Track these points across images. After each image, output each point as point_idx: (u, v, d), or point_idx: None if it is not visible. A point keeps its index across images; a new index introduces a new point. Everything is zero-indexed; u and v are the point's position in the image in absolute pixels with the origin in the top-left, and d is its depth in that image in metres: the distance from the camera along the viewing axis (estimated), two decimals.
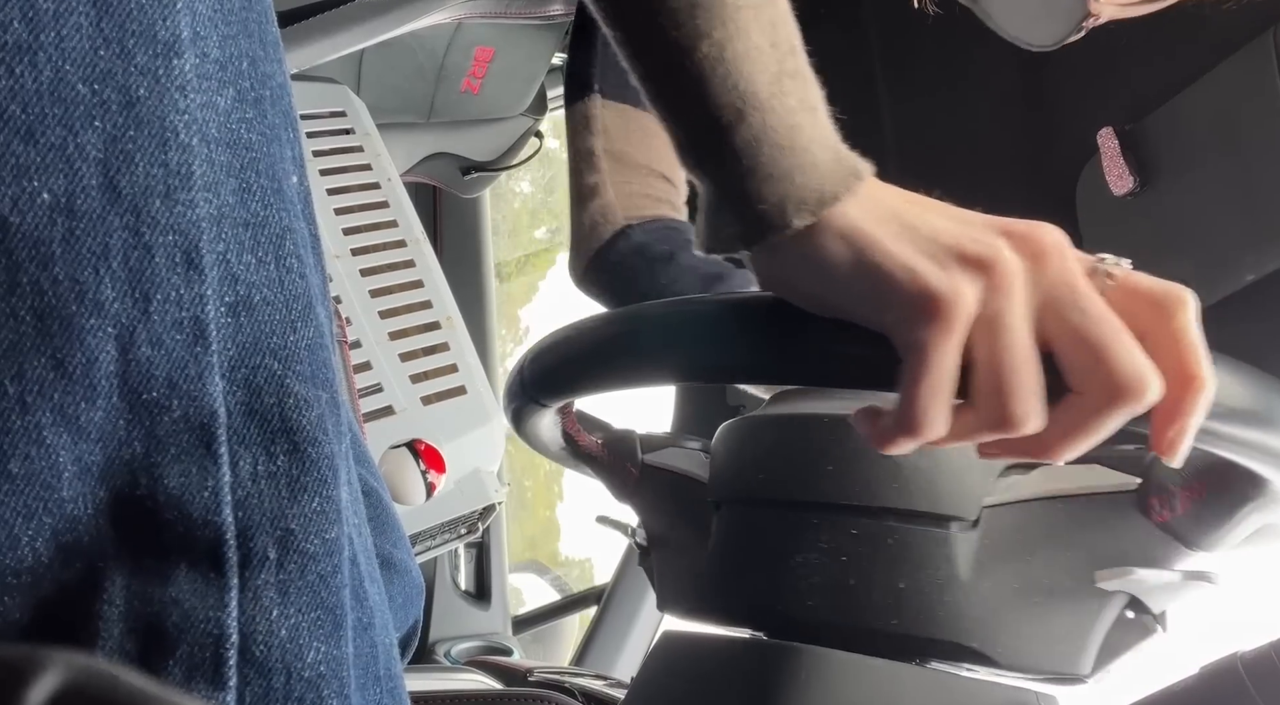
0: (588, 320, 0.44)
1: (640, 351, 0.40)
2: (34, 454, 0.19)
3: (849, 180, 0.35)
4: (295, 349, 0.23)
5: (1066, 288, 0.32)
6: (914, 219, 0.35)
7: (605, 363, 0.42)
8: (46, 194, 0.19)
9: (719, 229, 0.37)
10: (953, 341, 0.32)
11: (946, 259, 0.33)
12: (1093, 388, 0.32)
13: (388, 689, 0.25)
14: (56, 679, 0.12)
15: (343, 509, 0.23)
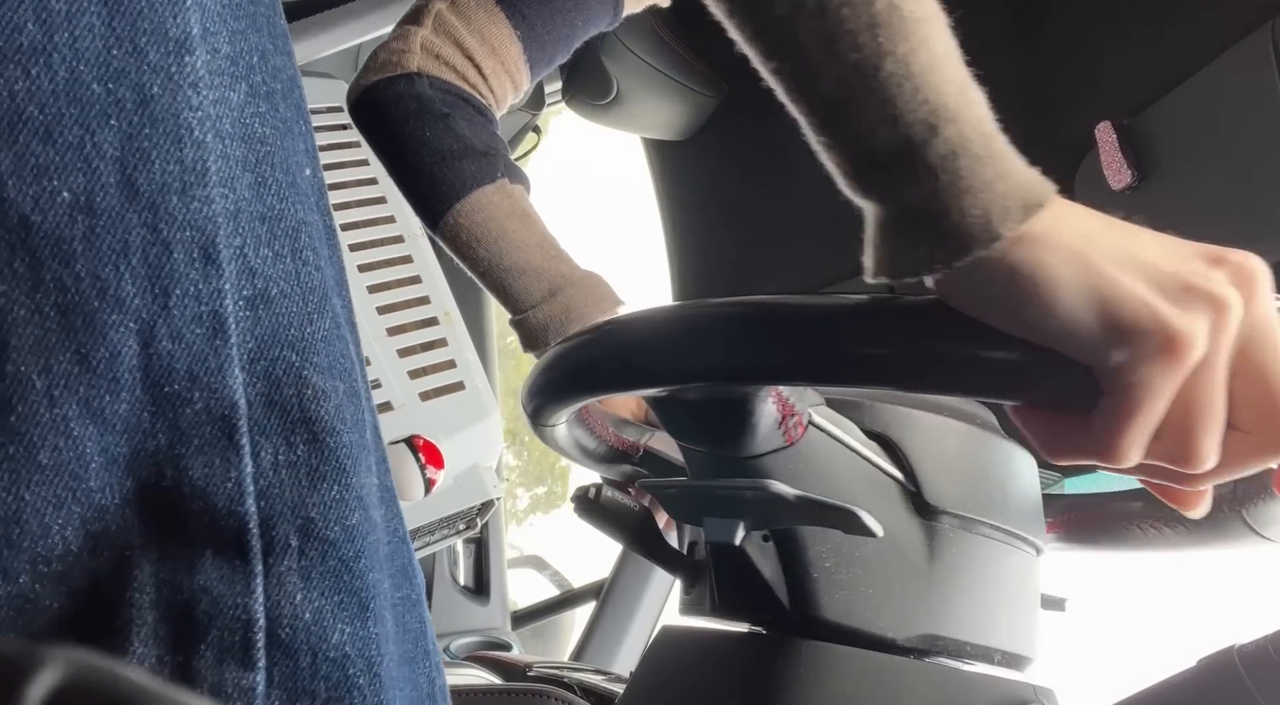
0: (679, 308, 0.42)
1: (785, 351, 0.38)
2: (62, 445, 0.19)
3: (1045, 188, 0.34)
4: (312, 340, 0.23)
5: (1265, 327, 0.32)
6: (1127, 243, 0.33)
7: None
8: (66, 193, 0.19)
9: (908, 250, 0.35)
10: (1179, 381, 0.31)
11: (1177, 293, 0.32)
12: (1263, 431, 0.32)
13: (434, 661, 0.26)
14: (56, 674, 0.12)
15: (366, 495, 0.23)
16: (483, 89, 0.73)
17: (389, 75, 0.71)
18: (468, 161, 0.69)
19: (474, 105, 0.72)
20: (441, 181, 0.69)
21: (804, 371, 0.37)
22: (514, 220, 0.70)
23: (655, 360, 0.41)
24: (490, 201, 0.69)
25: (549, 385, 0.48)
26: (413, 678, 0.25)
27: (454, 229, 0.70)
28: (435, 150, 0.69)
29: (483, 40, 0.72)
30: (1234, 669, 0.40)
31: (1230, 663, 0.40)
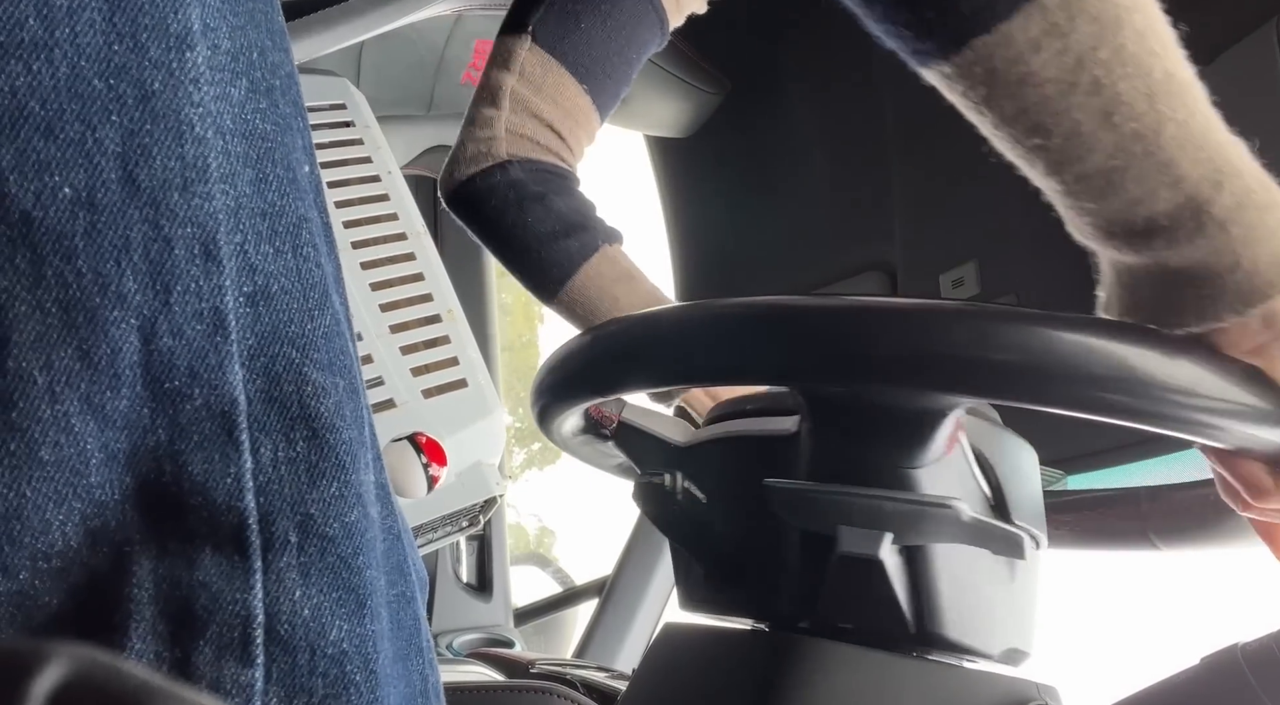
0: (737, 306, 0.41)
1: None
2: (63, 441, 0.19)
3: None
4: (312, 337, 0.23)
5: None
6: None
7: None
8: (68, 188, 0.19)
9: (1194, 302, 0.36)
10: None
11: None
12: None
13: (429, 660, 0.26)
14: (60, 671, 0.12)
15: (364, 492, 0.23)
16: (565, 155, 0.77)
17: (483, 167, 0.74)
18: (571, 239, 0.73)
19: (562, 176, 0.76)
20: (550, 264, 0.73)
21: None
22: (620, 285, 0.74)
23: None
24: (597, 273, 0.74)
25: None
26: (406, 674, 0.25)
27: (570, 304, 0.74)
28: (539, 234, 0.73)
29: (557, 105, 0.75)
30: (1238, 667, 0.40)
31: (1234, 661, 0.40)
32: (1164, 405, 0.34)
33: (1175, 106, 0.34)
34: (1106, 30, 0.34)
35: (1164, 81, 0.34)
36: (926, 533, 0.41)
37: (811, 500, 0.42)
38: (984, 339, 0.34)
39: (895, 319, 0.35)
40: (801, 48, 1.24)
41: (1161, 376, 0.33)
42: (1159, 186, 0.35)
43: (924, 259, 1.08)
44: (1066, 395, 0.34)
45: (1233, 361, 0.35)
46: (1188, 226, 0.35)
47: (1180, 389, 0.34)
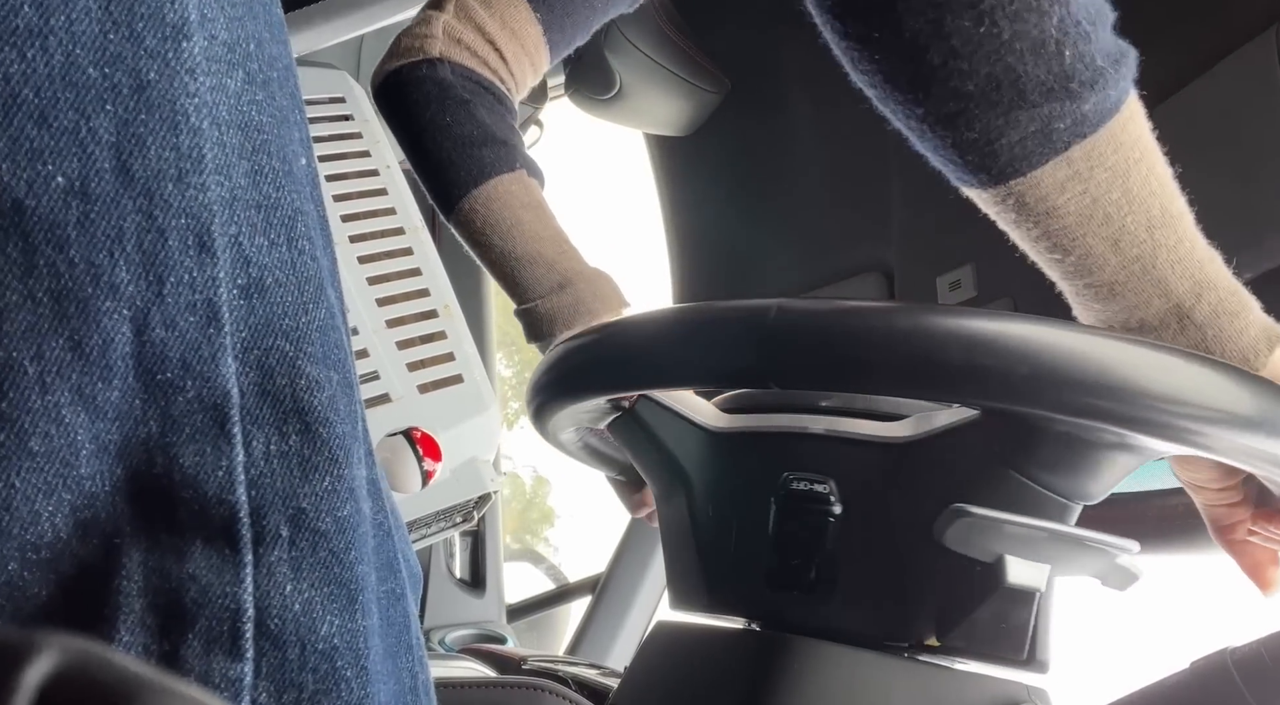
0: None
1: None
2: (54, 432, 0.19)
3: (1276, 325, 0.43)
4: (307, 330, 0.23)
5: None
6: None
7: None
8: (61, 177, 0.19)
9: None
10: None
11: None
12: None
13: (418, 657, 0.26)
14: (52, 661, 0.12)
15: (357, 487, 0.23)
16: (503, 74, 0.74)
17: (412, 60, 0.71)
18: (487, 149, 0.70)
19: (495, 93, 0.73)
20: (460, 167, 0.69)
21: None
22: (529, 211, 0.70)
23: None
24: (507, 190, 0.70)
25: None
26: (396, 671, 0.25)
27: (469, 215, 0.70)
28: (455, 136, 0.70)
29: (504, 24, 0.72)
30: (1227, 672, 0.40)
31: (1223, 665, 0.41)
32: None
33: (1168, 235, 0.42)
34: (1118, 176, 0.41)
35: (1161, 215, 0.42)
36: (1082, 568, 0.42)
37: (991, 528, 0.40)
38: (1223, 395, 0.37)
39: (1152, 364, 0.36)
40: (802, 47, 1.24)
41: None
42: (1152, 297, 0.42)
43: (922, 261, 1.08)
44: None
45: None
46: (1172, 327, 0.43)
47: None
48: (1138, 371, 0.36)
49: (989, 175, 0.41)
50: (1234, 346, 0.42)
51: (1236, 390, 0.37)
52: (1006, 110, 0.39)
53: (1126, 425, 0.37)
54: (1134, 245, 0.41)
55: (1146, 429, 0.36)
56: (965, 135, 0.40)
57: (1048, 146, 0.40)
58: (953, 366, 0.37)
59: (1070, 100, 0.39)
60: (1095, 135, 0.40)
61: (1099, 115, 0.40)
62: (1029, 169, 0.40)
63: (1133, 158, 0.41)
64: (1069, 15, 0.38)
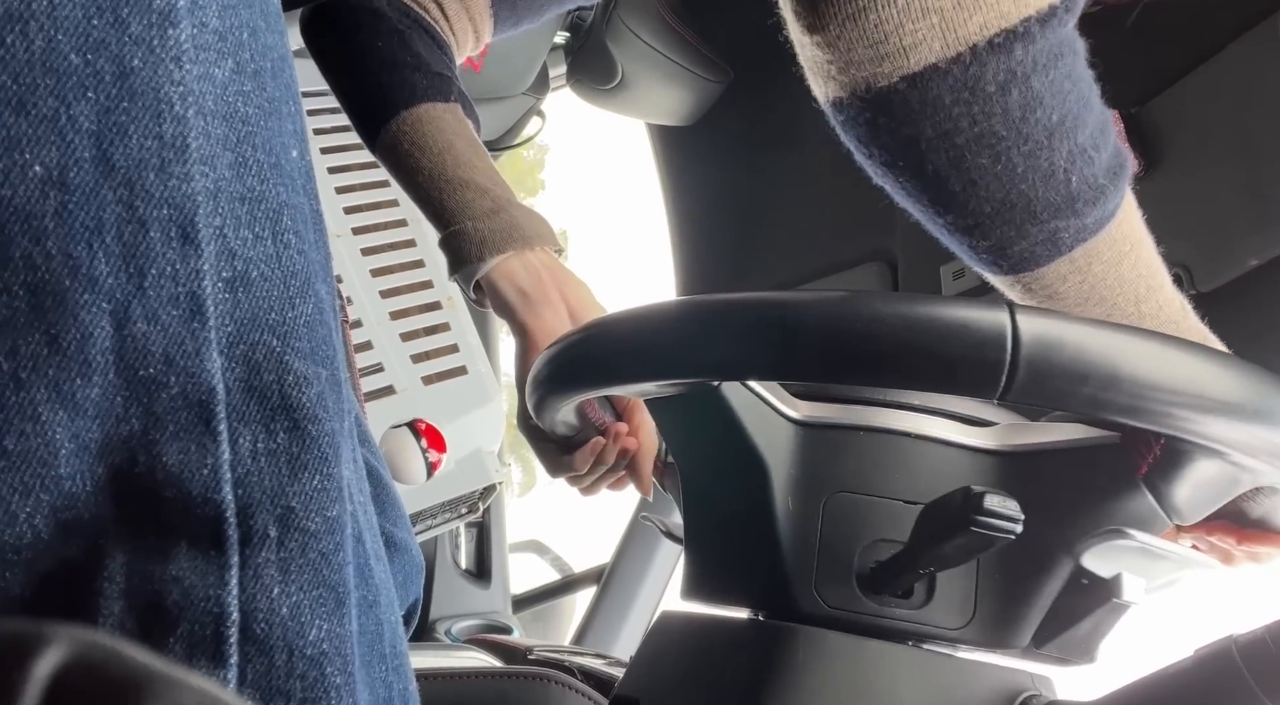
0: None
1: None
2: (29, 431, 0.19)
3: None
4: (294, 325, 0.22)
5: None
6: None
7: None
8: (39, 166, 0.19)
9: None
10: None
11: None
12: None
13: (393, 666, 0.25)
14: (61, 652, 0.12)
15: (344, 487, 0.23)
16: (443, 27, 0.69)
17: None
18: (420, 75, 0.64)
19: (433, 35, 0.68)
20: (390, 89, 0.64)
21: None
22: (461, 140, 0.65)
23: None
24: (439, 116, 0.64)
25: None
26: (370, 682, 0.24)
27: (396, 137, 0.64)
28: (386, 59, 0.64)
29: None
30: (1231, 660, 0.40)
31: (1228, 654, 0.41)
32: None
33: (1151, 306, 0.47)
34: (1111, 266, 0.45)
35: (1146, 291, 0.47)
36: (1165, 582, 0.44)
37: (1131, 550, 0.41)
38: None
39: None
40: None
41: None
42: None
43: (925, 250, 1.08)
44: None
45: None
46: None
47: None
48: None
49: (1000, 269, 0.46)
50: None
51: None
52: (1019, 225, 0.43)
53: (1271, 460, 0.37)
54: (1123, 317, 0.47)
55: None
56: (982, 242, 0.45)
57: (1054, 250, 0.44)
58: (1140, 394, 0.35)
59: (1075, 216, 0.43)
60: (1094, 238, 0.45)
61: (1098, 223, 0.44)
62: (1036, 267, 0.45)
63: (1124, 250, 0.46)
64: (1075, 146, 0.41)
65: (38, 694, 0.11)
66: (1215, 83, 0.75)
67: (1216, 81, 0.75)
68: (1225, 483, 0.43)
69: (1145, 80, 0.80)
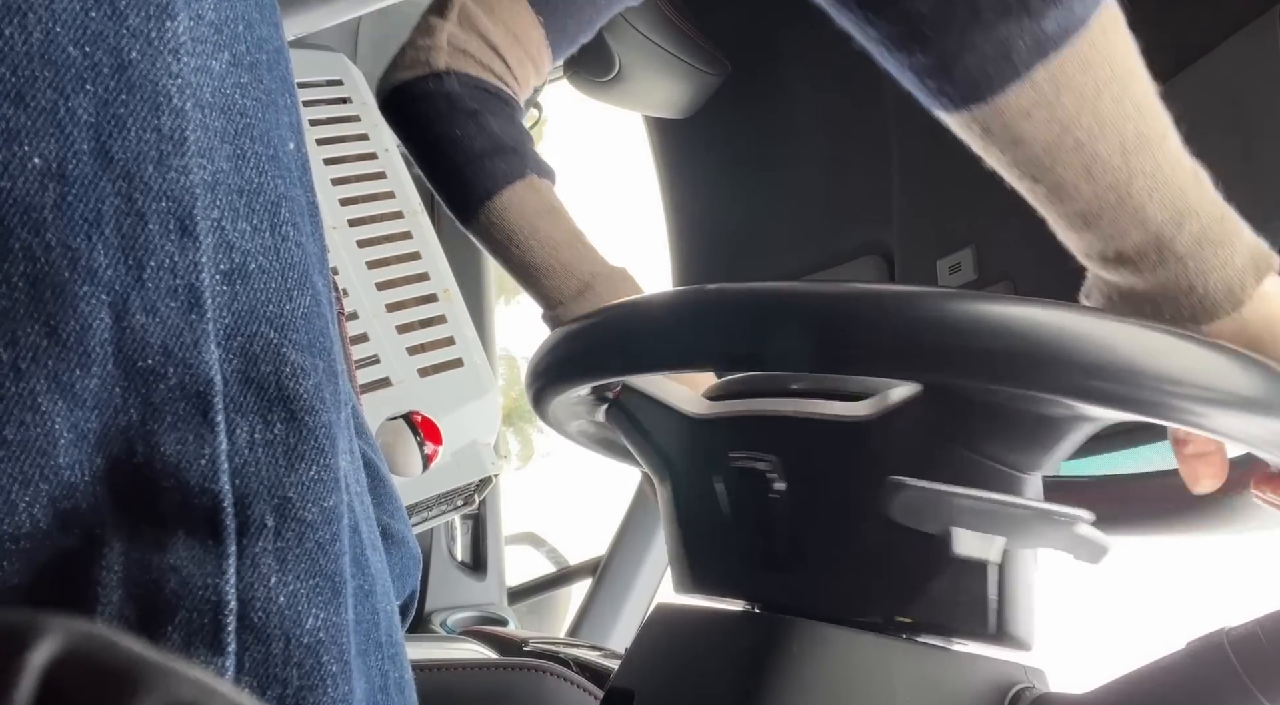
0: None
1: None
2: (29, 420, 0.19)
3: (1269, 252, 0.41)
4: (291, 317, 0.22)
5: None
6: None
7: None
8: (37, 158, 0.19)
9: (1158, 315, 0.42)
10: None
11: None
12: None
13: (389, 655, 0.25)
14: (56, 643, 0.12)
15: (341, 477, 0.23)
16: (508, 79, 0.74)
17: (418, 74, 0.72)
18: (498, 159, 0.71)
19: (501, 97, 0.74)
20: (473, 181, 0.71)
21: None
22: (543, 217, 0.71)
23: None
24: (520, 199, 0.71)
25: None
26: (366, 670, 0.24)
27: (486, 227, 0.71)
28: (466, 150, 0.71)
29: (507, 30, 0.73)
30: (1223, 652, 0.40)
31: (1220, 646, 0.41)
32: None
33: (1145, 160, 0.39)
34: (1087, 100, 0.38)
35: (1136, 140, 0.39)
36: (1039, 540, 0.42)
37: (933, 501, 0.40)
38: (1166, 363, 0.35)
39: (1079, 329, 0.34)
40: (802, 30, 1.23)
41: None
42: (1130, 228, 0.40)
43: (922, 243, 1.08)
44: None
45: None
46: (1152, 259, 0.41)
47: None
48: (1056, 339, 0.35)
49: (950, 100, 0.39)
50: (1218, 277, 0.40)
51: (1157, 349, 0.35)
52: (961, 31, 0.36)
53: (1052, 392, 0.36)
54: (1108, 173, 0.39)
55: (1076, 395, 0.35)
56: (920, 59, 0.37)
57: (1008, 69, 0.37)
58: (882, 342, 0.36)
59: (1029, 17, 0.35)
60: (1059, 55, 0.36)
61: (1062, 33, 0.36)
62: (989, 94, 0.37)
63: (1103, 77, 0.37)
64: None
65: (33, 684, 0.11)
66: (1213, 75, 0.75)
67: (1214, 74, 0.75)
68: (1047, 430, 0.40)
69: None
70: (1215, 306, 0.41)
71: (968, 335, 0.35)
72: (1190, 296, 0.41)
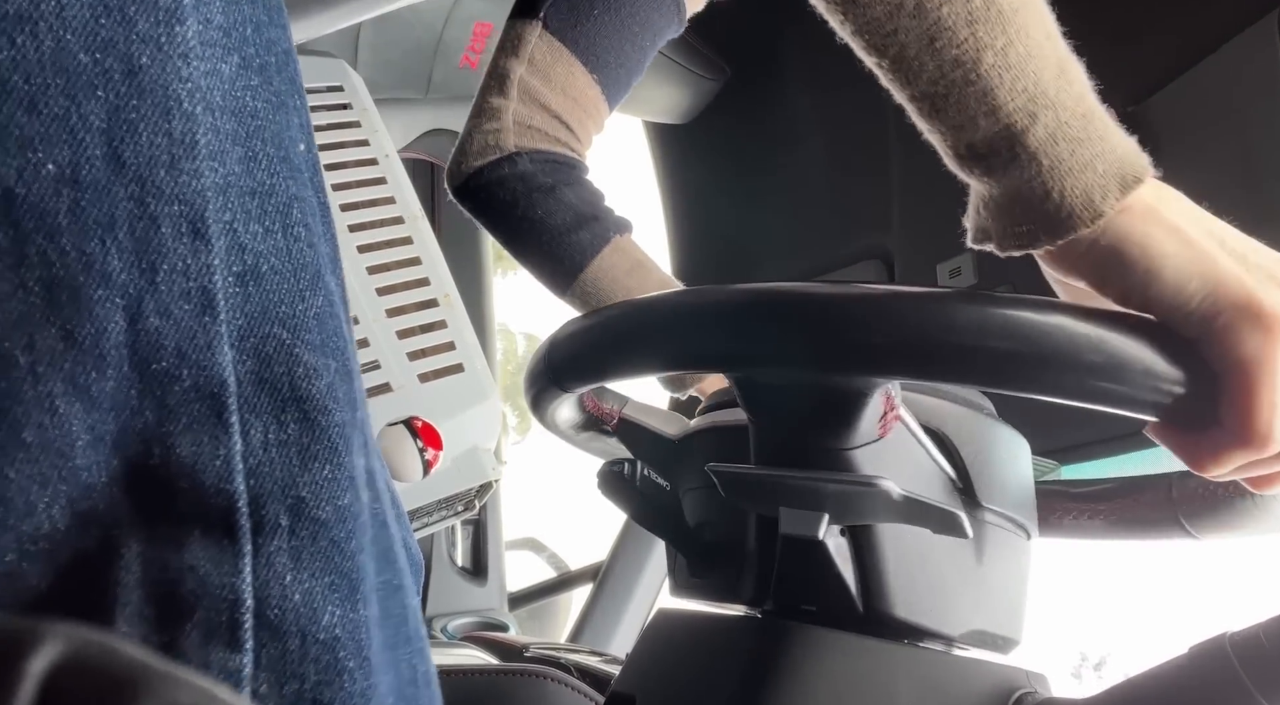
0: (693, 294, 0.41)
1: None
2: (47, 423, 0.19)
3: (1143, 162, 0.36)
4: (304, 318, 0.23)
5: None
6: (1220, 230, 0.36)
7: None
8: (51, 165, 0.19)
9: (1014, 227, 0.37)
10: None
11: (1265, 282, 0.34)
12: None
13: (416, 648, 0.26)
14: (56, 650, 0.12)
15: (356, 476, 0.23)
16: (574, 145, 0.76)
17: (491, 160, 0.73)
18: (583, 231, 0.72)
19: (571, 165, 0.75)
20: (563, 257, 0.73)
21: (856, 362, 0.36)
22: (633, 276, 0.73)
23: (664, 345, 0.41)
24: (610, 264, 0.73)
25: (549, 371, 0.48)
26: (395, 663, 0.24)
27: (583, 297, 0.74)
28: (550, 227, 0.72)
29: (565, 95, 0.74)
30: (1225, 656, 0.40)
31: (1222, 651, 0.41)
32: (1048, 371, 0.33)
33: (995, 34, 0.35)
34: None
35: (984, 8, 0.35)
36: (863, 512, 0.41)
37: (753, 483, 0.42)
38: (882, 318, 0.33)
39: (808, 303, 0.35)
40: (802, 34, 1.24)
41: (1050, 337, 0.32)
42: (978, 115, 0.36)
43: (922, 248, 1.08)
44: (956, 370, 0.33)
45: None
46: (1003, 156, 0.36)
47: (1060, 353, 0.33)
48: (747, 308, 0.36)
49: None
50: (1075, 182, 0.35)
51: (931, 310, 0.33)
52: None
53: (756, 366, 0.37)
54: (953, 46, 0.35)
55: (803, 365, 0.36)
56: None
57: None
58: (709, 338, 0.39)
59: None
60: None
61: None
62: None
63: None
64: None
65: (33, 691, 0.11)
66: (1212, 81, 0.75)
67: (1213, 79, 0.75)
68: (822, 401, 0.40)
69: (1141, 79, 0.80)
70: (1072, 217, 0.35)
71: (682, 324, 0.38)
72: (1045, 204, 0.36)
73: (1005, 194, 0.37)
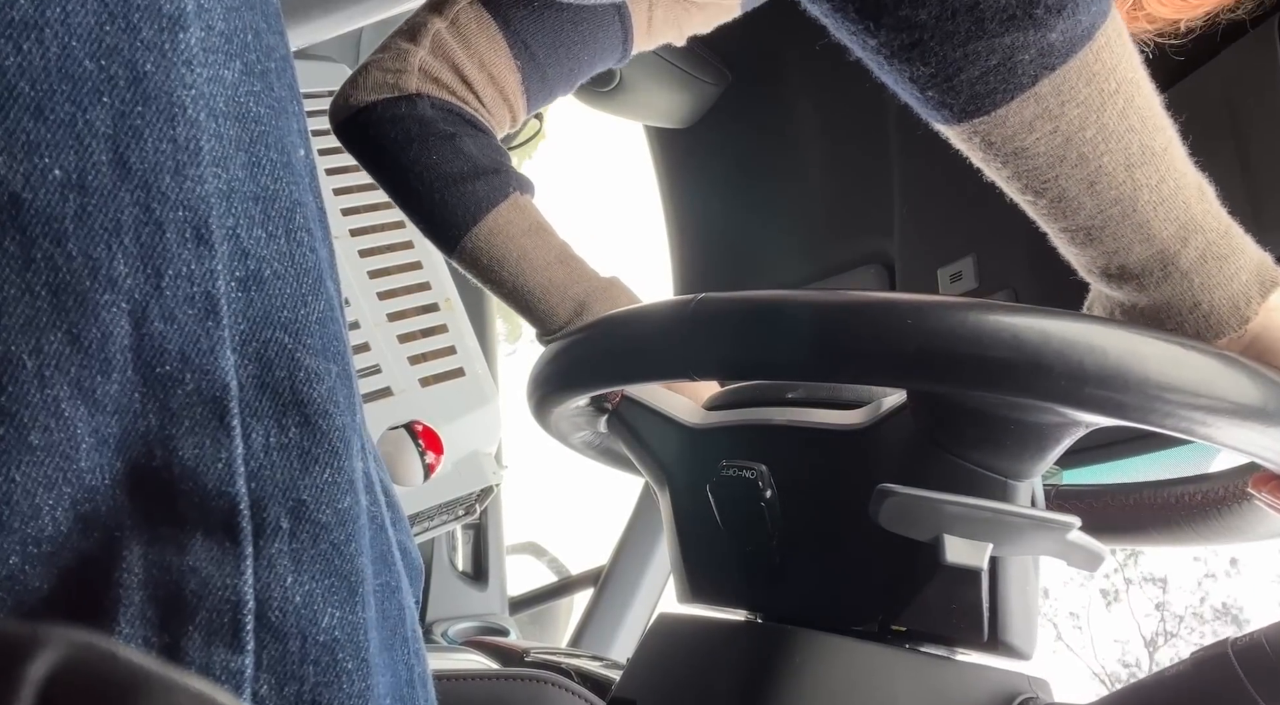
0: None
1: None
2: (53, 426, 0.19)
3: (1270, 262, 0.41)
4: (306, 322, 0.23)
5: None
6: None
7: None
8: (58, 170, 0.19)
9: (1167, 328, 0.41)
10: None
11: None
12: None
13: (413, 650, 0.26)
14: (56, 654, 0.12)
15: (356, 479, 0.23)
16: (483, 114, 0.70)
17: (387, 97, 0.67)
18: (479, 183, 0.67)
19: (476, 125, 0.69)
20: (455, 207, 0.66)
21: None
22: (531, 237, 0.68)
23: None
24: (506, 220, 0.67)
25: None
26: (392, 664, 0.25)
27: (473, 254, 0.68)
28: (444, 174, 0.66)
29: (481, 67, 0.68)
30: (1228, 663, 0.40)
31: (1225, 657, 0.41)
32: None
33: (1150, 174, 0.38)
34: (1092, 113, 0.37)
35: (1140, 153, 0.38)
36: (1029, 546, 0.41)
37: (922, 508, 0.40)
38: (1137, 364, 0.34)
39: (1062, 334, 0.35)
40: (803, 40, 1.24)
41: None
42: (1134, 243, 0.40)
43: (922, 253, 1.08)
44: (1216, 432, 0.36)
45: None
46: (1156, 275, 0.40)
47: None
48: (1048, 345, 0.35)
49: (951, 112, 0.37)
50: (1223, 293, 0.40)
51: (1146, 354, 0.35)
52: (964, 42, 0.34)
53: (1043, 399, 0.36)
54: (1112, 187, 0.38)
55: (1067, 402, 0.36)
56: (921, 69, 0.36)
57: (1011, 82, 0.35)
58: (859, 349, 0.37)
59: (1035, 29, 0.34)
60: (1065, 67, 0.35)
61: (1068, 45, 0.35)
62: (992, 107, 0.36)
63: (1108, 89, 0.36)
64: None
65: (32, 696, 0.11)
66: (1212, 86, 0.75)
67: (1213, 85, 0.75)
68: (1034, 436, 0.40)
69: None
70: (1221, 323, 0.41)
71: (957, 342, 0.36)
72: (1195, 313, 0.41)
73: (1154, 306, 0.42)
